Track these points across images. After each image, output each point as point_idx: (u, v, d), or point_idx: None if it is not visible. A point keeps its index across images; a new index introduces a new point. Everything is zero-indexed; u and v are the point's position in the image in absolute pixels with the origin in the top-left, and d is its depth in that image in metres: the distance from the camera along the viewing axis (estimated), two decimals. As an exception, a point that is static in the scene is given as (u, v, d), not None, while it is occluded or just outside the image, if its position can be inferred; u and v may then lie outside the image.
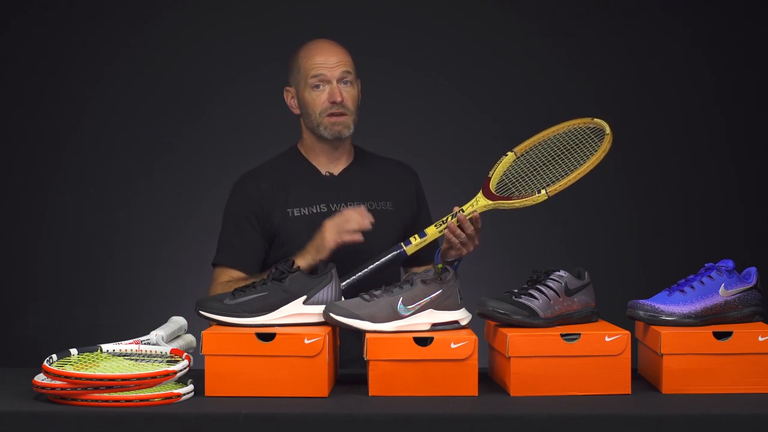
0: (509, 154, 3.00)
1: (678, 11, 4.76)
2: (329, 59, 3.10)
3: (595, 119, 2.96)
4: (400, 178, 3.23)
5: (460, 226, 2.90)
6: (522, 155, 2.99)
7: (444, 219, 2.93)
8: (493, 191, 2.94)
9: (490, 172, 2.98)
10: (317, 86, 3.09)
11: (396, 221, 3.15)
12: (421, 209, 3.24)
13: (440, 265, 2.96)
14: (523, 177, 2.97)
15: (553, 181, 2.90)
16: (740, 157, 4.77)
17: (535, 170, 2.96)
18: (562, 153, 2.95)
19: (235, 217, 3.14)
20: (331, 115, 3.08)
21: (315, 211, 3.11)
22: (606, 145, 2.89)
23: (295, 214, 3.11)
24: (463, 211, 2.91)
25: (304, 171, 3.17)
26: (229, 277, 3.09)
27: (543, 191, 2.88)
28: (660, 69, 4.77)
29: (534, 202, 2.89)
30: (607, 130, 2.91)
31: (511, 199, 2.91)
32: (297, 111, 3.19)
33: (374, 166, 3.22)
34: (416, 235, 2.93)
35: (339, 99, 3.06)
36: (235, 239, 3.13)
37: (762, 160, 4.75)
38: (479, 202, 2.92)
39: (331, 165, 3.17)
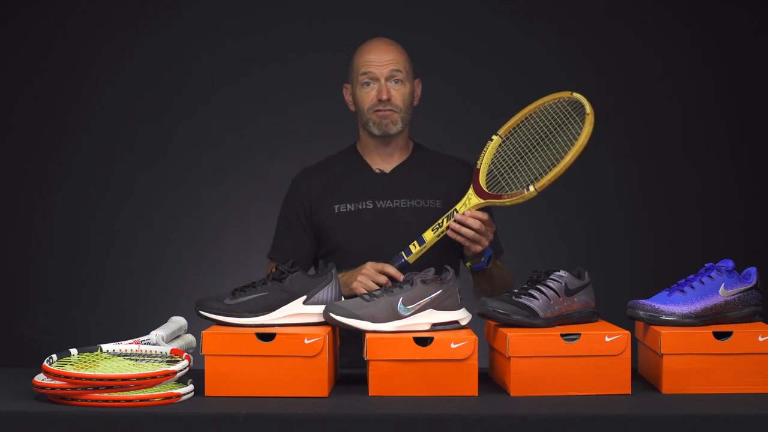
0: (494, 138, 3.00)
1: (678, 11, 4.76)
2: (381, 57, 3.12)
3: (575, 93, 2.95)
4: (456, 176, 3.19)
5: (463, 225, 2.90)
6: (507, 138, 2.99)
7: (440, 221, 2.93)
8: (483, 186, 2.94)
9: (478, 162, 2.98)
10: (367, 83, 3.11)
11: None
12: None
13: (469, 263, 2.97)
14: (511, 167, 2.96)
15: (541, 174, 2.89)
16: (740, 157, 4.77)
17: (521, 158, 2.95)
18: (546, 136, 2.93)
19: (286, 213, 3.21)
20: (378, 111, 3.11)
21: (360, 207, 3.13)
22: (588, 127, 2.87)
23: (341, 210, 3.13)
24: (457, 212, 2.91)
25: (356, 168, 3.19)
26: None
27: (531, 187, 2.87)
28: (660, 69, 4.77)
29: (524, 200, 2.89)
30: (588, 108, 2.89)
31: (501, 198, 2.91)
32: (353, 108, 3.21)
33: (430, 164, 3.22)
34: (415, 242, 2.93)
35: (384, 97, 3.09)
36: (285, 235, 3.20)
37: (762, 161, 4.75)
38: (471, 201, 2.92)
39: (383, 162, 3.19)
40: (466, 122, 4.81)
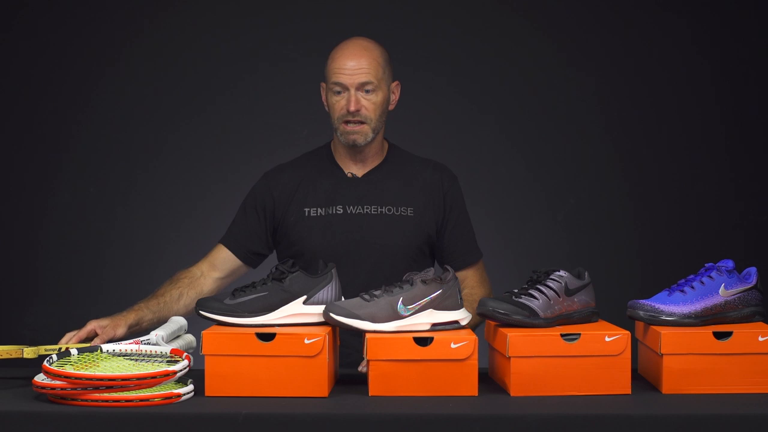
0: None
1: (678, 11, 4.76)
2: (352, 66, 3.02)
3: None
4: (430, 182, 3.13)
5: None
6: None
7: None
8: None
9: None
10: (338, 92, 3.03)
11: (416, 228, 3.08)
12: (449, 215, 3.12)
13: None
14: None
15: None
16: (740, 157, 4.77)
17: None
18: None
19: (247, 203, 3.16)
20: (347, 122, 3.03)
21: (331, 212, 3.08)
22: None
23: (311, 214, 3.08)
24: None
25: (328, 170, 3.13)
26: (221, 257, 3.14)
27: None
28: (660, 69, 4.77)
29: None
30: None
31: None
32: (328, 108, 3.13)
33: (403, 169, 3.15)
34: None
35: (353, 108, 3.01)
36: (239, 223, 3.15)
37: (761, 160, 4.75)
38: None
39: (355, 166, 3.12)
40: (466, 122, 4.81)
